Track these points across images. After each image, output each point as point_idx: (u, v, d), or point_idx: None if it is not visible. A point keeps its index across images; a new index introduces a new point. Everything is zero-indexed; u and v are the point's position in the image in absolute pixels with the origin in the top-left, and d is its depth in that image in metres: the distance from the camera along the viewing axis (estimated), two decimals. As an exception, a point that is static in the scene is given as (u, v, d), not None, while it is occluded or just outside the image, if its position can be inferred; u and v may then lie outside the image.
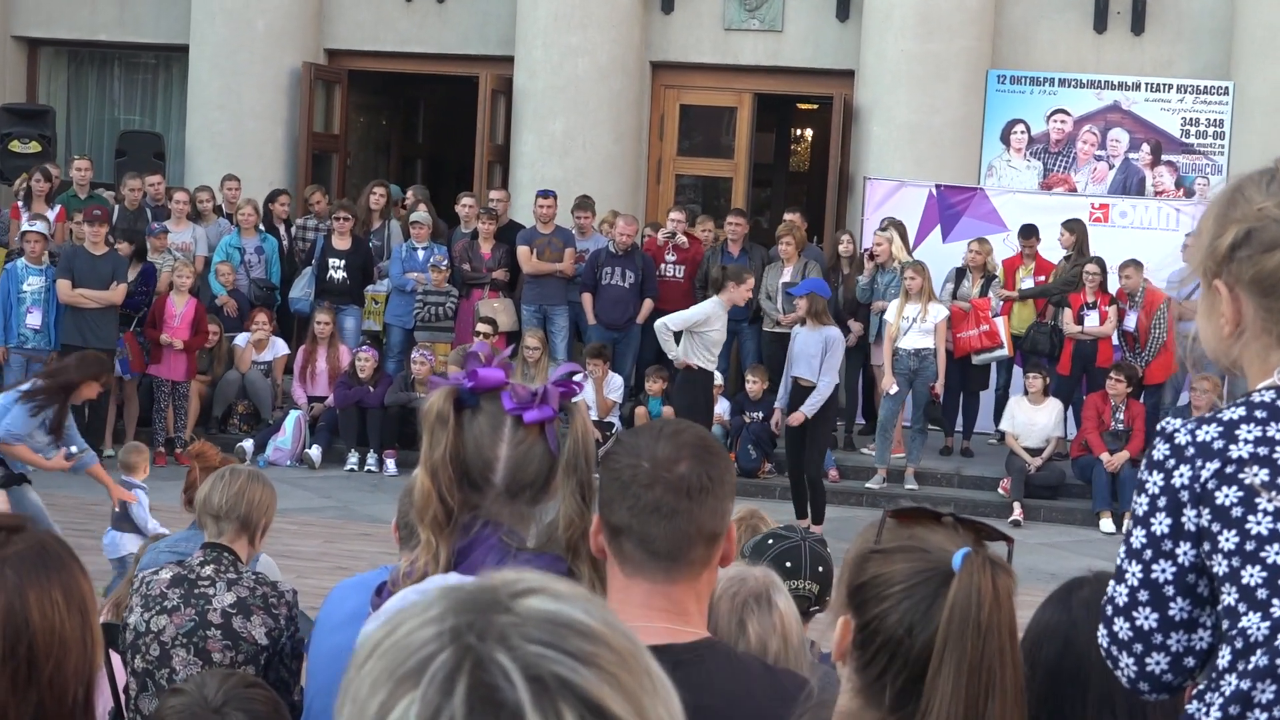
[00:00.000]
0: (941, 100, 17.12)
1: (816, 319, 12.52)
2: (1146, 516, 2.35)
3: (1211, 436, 2.32)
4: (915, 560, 2.17)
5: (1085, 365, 15.03)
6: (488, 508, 2.70)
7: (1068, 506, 14.45)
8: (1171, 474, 2.33)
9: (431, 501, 2.64)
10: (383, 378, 15.23)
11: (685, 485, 2.43)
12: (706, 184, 20.26)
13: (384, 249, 16.64)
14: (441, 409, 2.68)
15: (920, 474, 14.76)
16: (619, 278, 15.54)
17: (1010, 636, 2.11)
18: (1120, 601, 2.37)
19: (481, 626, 1.13)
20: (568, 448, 2.66)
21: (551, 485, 2.69)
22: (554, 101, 17.89)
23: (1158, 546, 2.33)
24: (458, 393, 2.69)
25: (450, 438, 2.66)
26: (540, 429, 2.69)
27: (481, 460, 2.68)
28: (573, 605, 1.16)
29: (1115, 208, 16.45)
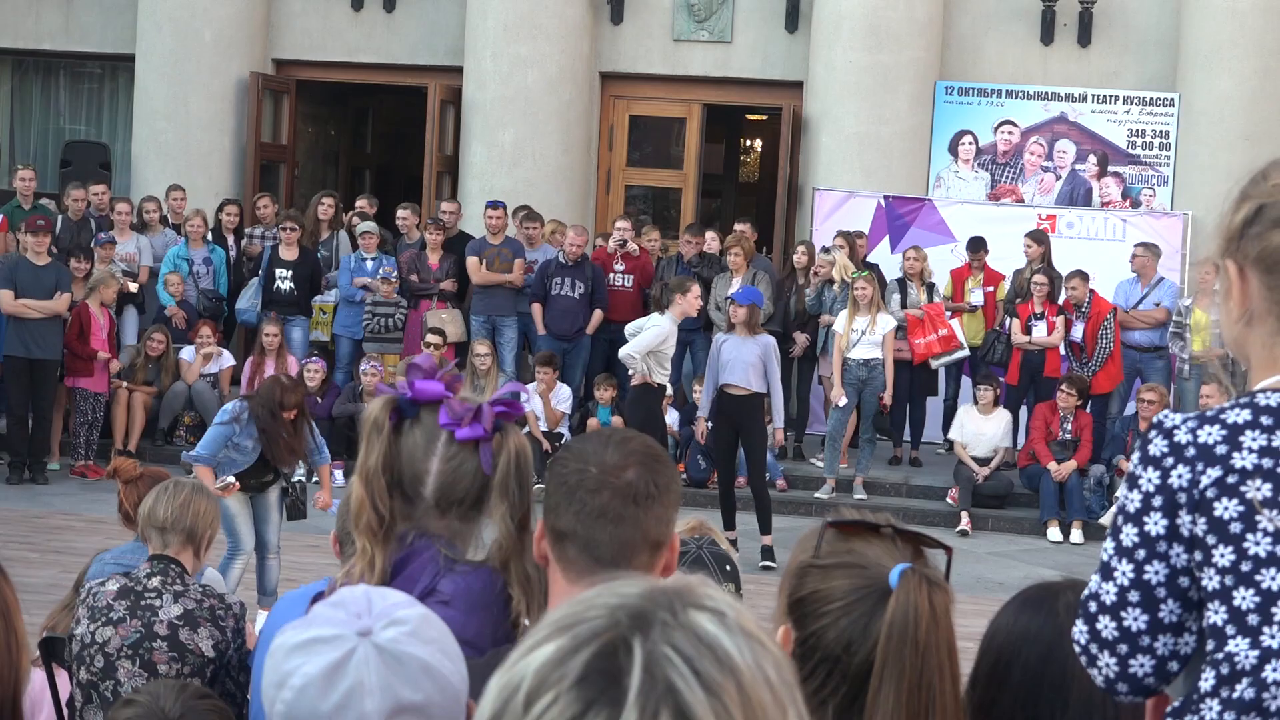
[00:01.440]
0: (890, 111, 17.21)
1: (751, 328, 12.54)
2: (1139, 515, 2.29)
3: (1215, 440, 2.25)
4: (853, 577, 2.18)
5: (1033, 375, 15.13)
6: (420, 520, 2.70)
7: (1015, 516, 14.54)
8: (1169, 473, 2.27)
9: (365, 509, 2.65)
10: (331, 389, 15.18)
11: (632, 491, 2.43)
12: (656, 194, 20.28)
13: (332, 259, 16.60)
14: (378, 417, 2.69)
15: (869, 484, 14.82)
16: (568, 288, 15.55)
17: (949, 653, 2.13)
18: (1107, 600, 2.31)
19: (647, 617, 1.19)
20: (500, 469, 2.66)
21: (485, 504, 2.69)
22: (503, 112, 17.88)
23: (1152, 547, 2.28)
24: (397, 402, 2.70)
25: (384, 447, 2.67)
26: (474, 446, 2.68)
27: (413, 472, 2.69)
28: (730, 635, 1.19)
29: (1062, 218, 16.58)
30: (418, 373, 2.72)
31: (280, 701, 2.02)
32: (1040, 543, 13.98)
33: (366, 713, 2.00)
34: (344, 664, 2.00)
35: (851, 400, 14.37)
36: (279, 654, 2.07)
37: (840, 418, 14.48)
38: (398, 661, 2.01)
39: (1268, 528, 2.19)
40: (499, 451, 2.68)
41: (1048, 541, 13.99)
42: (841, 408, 14.37)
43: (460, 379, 2.77)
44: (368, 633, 2.03)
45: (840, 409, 14.39)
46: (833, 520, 2.27)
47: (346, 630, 2.04)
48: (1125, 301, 15.31)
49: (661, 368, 12.75)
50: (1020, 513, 14.58)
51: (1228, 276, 2.38)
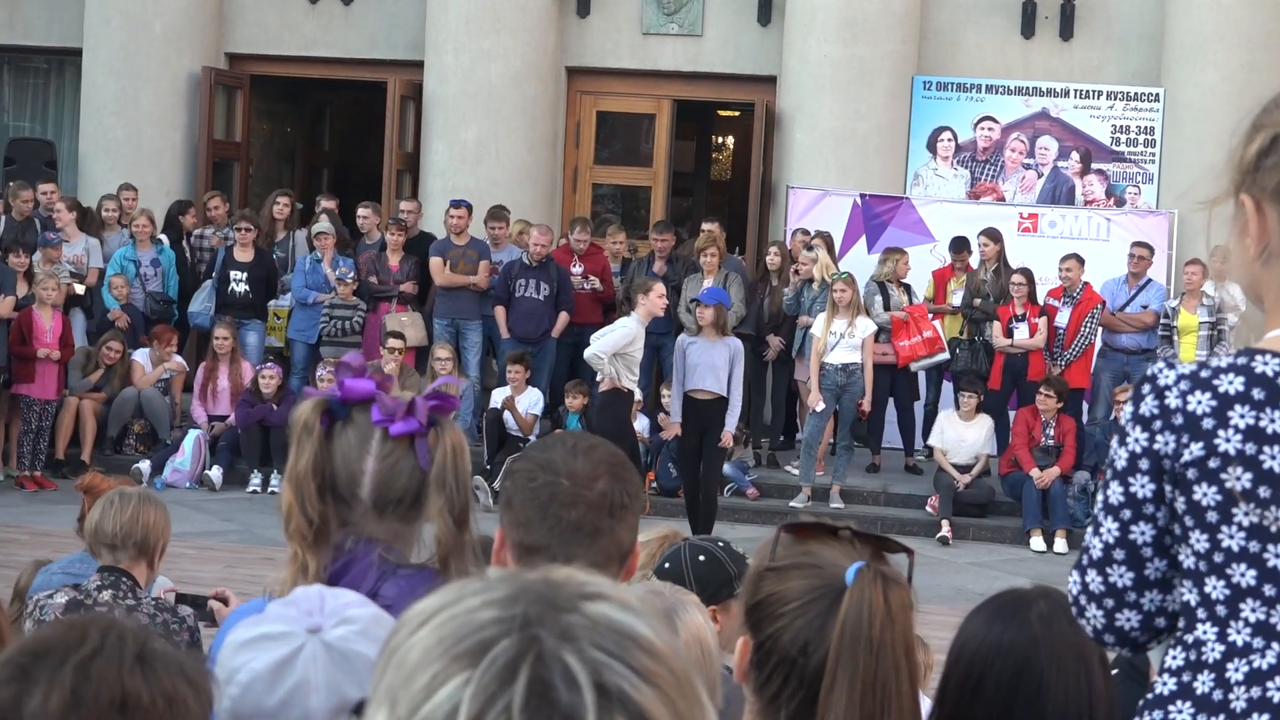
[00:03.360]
0: (866, 106, 17.22)
1: (719, 330, 12.53)
2: (1125, 474, 2.32)
3: (1203, 410, 2.26)
4: (809, 577, 2.18)
5: (1015, 379, 15.15)
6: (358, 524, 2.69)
7: (997, 524, 14.55)
8: (1155, 436, 2.29)
9: (294, 514, 2.65)
10: (287, 395, 15.12)
11: (607, 503, 2.44)
12: (625, 193, 20.27)
13: (289, 261, 16.54)
14: (308, 419, 2.68)
15: (846, 492, 14.82)
16: (533, 290, 15.52)
17: (906, 653, 2.12)
18: (1094, 554, 2.35)
19: (550, 621, 1.14)
20: (436, 463, 2.66)
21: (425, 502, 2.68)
22: (466, 108, 17.84)
23: (1138, 509, 2.31)
24: (327, 404, 2.70)
25: (315, 449, 2.66)
26: (410, 443, 2.68)
27: (348, 473, 2.68)
28: (639, 619, 1.17)
29: (1044, 217, 16.61)
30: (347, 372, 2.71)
31: (227, 697, 2.05)
32: (1023, 552, 14.00)
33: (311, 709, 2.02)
34: (291, 660, 2.03)
35: (829, 406, 14.37)
36: (229, 650, 2.13)
37: (817, 424, 14.47)
38: (345, 660, 2.03)
39: (1243, 521, 2.21)
40: (435, 446, 2.67)
41: (1031, 551, 14.01)
42: (818, 413, 14.36)
43: (390, 378, 2.77)
44: (317, 630, 2.06)
45: (817, 415, 14.38)
46: (788, 524, 2.26)
47: (296, 627, 2.07)
48: (1112, 303, 15.34)
49: (630, 372, 12.73)
50: (1002, 521, 14.59)
51: (1243, 212, 2.30)
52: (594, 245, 16.32)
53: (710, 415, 12.53)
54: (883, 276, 15.55)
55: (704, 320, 12.58)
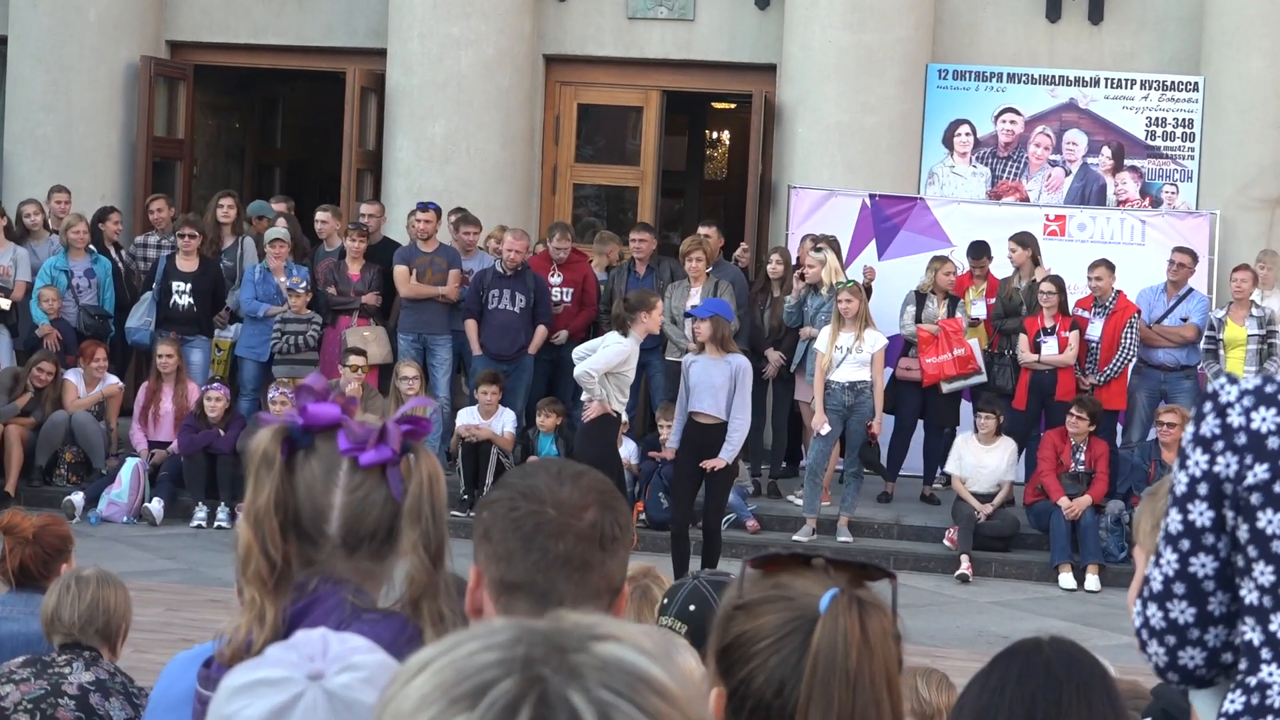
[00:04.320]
0: (875, 98, 17.25)
1: (720, 346, 12.49)
2: (1184, 500, 2.34)
3: (1269, 428, 2.29)
4: (780, 611, 2.18)
5: (1043, 399, 15.15)
6: (325, 563, 2.68)
7: (1022, 559, 14.55)
8: (1216, 458, 2.32)
9: (253, 555, 2.63)
10: (235, 419, 15.10)
11: (597, 534, 2.44)
12: (610, 194, 20.29)
13: (237, 270, 16.52)
14: (267, 449, 2.66)
15: (855, 524, 14.82)
16: (508, 301, 15.52)
17: (887, 685, 2.12)
18: (1155, 588, 2.38)
19: (556, 661, 1.18)
20: (411, 494, 2.65)
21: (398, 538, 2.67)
22: (433, 101, 17.85)
23: (1197, 538, 2.34)
24: (288, 431, 2.68)
25: (277, 482, 2.65)
26: (381, 472, 2.67)
27: (314, 508, 2.67)
28: (651, 660, 1.21)
29: (1073, 219, 16.64)
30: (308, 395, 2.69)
31: None
32: (1051, 590, 14.00)
33: None
34: (290, 708, 2.05)
35: (835, 429, 14.36)
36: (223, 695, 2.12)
37: (822, 449, 14.46)
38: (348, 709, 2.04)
39: None
40: (409, 475, 2.67)
41: (1059, 589, 14.00)
42: (824, 437, 14.36)
43: (355, 400, 2.77)
44: (319, 676, 2.07)
45: (822, 439, 14.38)
46: (755, 557, 2.27)
47: (296, 673, 2.08)
48: (1148, 315, 15.34)
49: (621, 394, 12.74)
50: (1028, 556, 14.59)
51: None
52: (576, 253, 16.32)
53: (711, 441, 12.51)
54: (925, 287, 15.54)
55: (700, 336, 12.54)
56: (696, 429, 12.54)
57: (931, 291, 15.53)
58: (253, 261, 16.39)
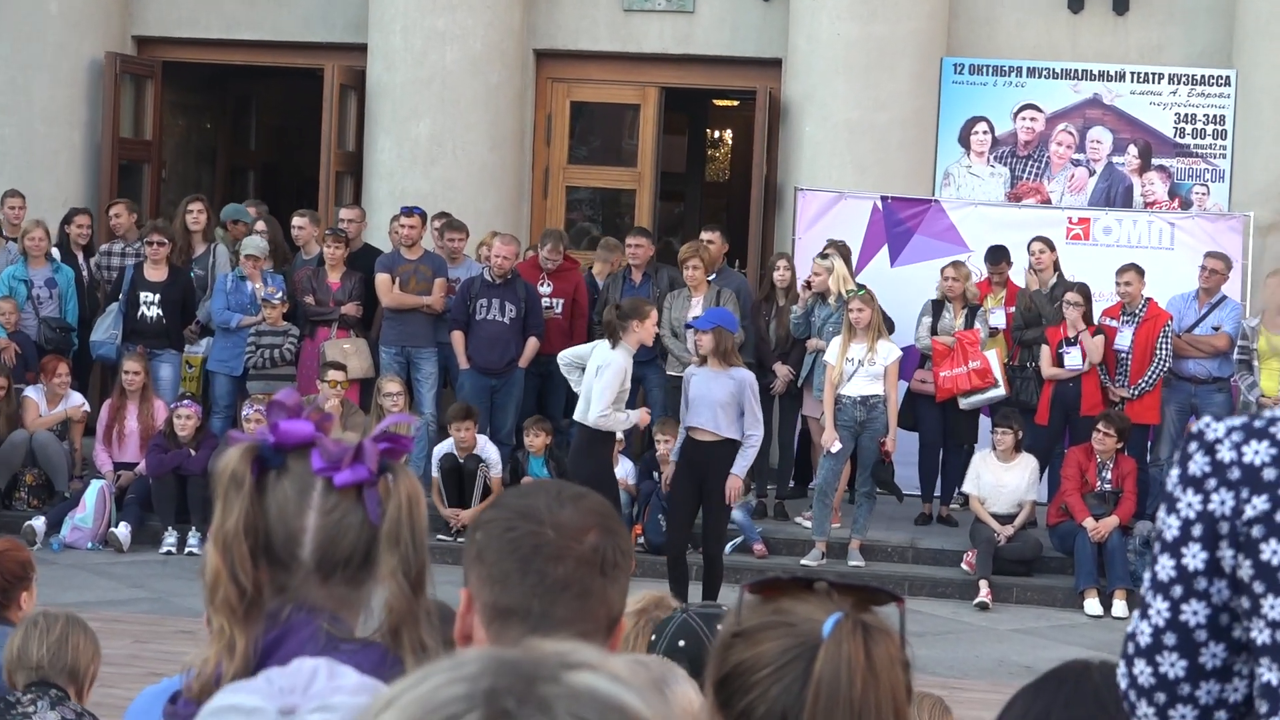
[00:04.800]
0: (887, 94, 17.25)
1: (723, 359, 12.50)
2: (1176, 544, 2.34)
3: (1263, 460, 2.30)
4: (781, 638, 2.19)
5: (1067, 413, 15.14)
6: (297, 590, 2.68)
7: (1045, 585, 14.54)
8: (1210, 497, 2.33)
9: (221, 582, 2.62)
10: (206, 438, 15.08)
11: (599, 559, 2.44)
12: (605, 198, 20.28)
13: (209, 279, 16.51)
14: (236, 469, 2.66)
15: (868, 547, 14.81)
16: (497, 311, 15.50)
17: (894, 714, 2.13)
18: (1143, 642, 2.37)
19: (522, 693, 1.19)
20: (389, 516, 2.64)
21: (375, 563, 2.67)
22: (417, 99, 17.86)
23: (1189, 583, 2.33)
24: (258, 450, 2.68)
25: (246, 504, 2.64)
26: (357, 494, 2.66)
27: (286, 532, 2.67)
28: (628, 689, 1.22)
29: (1098, 222, 16.63)
30: (280, 411, 2.68)
31: None
32: (1076, 617, 13.99)
33: None
34: None
35: (846, 446, 14.35)
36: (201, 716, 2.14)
37: (832, 468, 14.45)
38: None
39: None
40: (387, 497, 2.66)
41: (1085, 615, 13.99)
42: (834, 455, 14.35)
43: (331, 417, 2.76)
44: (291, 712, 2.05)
45: (832, 457, 14.37)
46: (754, 582, 2.28)
47: (269, 704, 2.08)
48: (1178, 324, 15.32)
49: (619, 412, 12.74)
50: (1051, 581, 14.59)
51: None
52: (568, 260, 16.31)
53: (710, 460, 12.49)
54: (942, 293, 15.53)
55: (703, 348, 12.56)
56: (694, 446, 12.54)
57: (948, 300, 15.51)
58: (225, 270, 16.37)
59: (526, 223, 18.49)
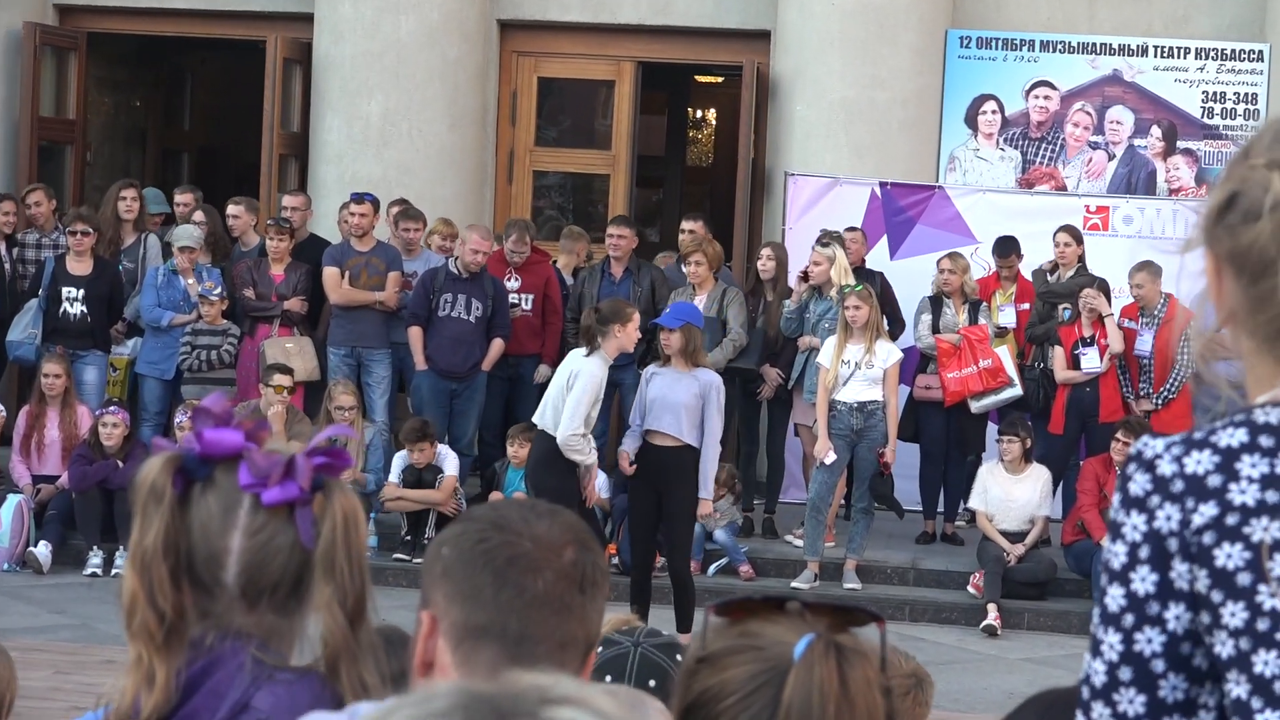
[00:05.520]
0: (887, 70, 17.27)
1: (688, 359, 12.52)
2: (1125, 570, 2.37)
3: (1205, 469, 2.35)
4: (749, 662, 2.21)
5: (1084, 420, 15.17)
6: (221, 616, 2.67)
7: (1059, 609, 14.56)
8: (1155, 514, 2.36)
9: (139, 606, 2.62)
10: (135, 448, 15.05)
11: (579, 575, 2.46)
12: (577, 183, 20.29)
13: (139, 272, 16.47)
14: (156, 481, 2.65)
15: (865, 568, 14.81)
16: (462, 309, 15.46)
17: None
18: (1098, 681, 2.39)
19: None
20: (323, 539, 2.64)
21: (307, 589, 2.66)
22: (368, 74, 17.84)
23: (1141, 610, 2.36)
24: (182, 460, 2.67)
25: (167, 520, 2.63)
26: (288, 513, 2.65)
27: (208, 552, 2.66)
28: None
29: (1117, 211, 16.66)
30: (206, 419, 2.67)
31: None
32: (1093, 644, 13.99)
33: None
34: None
35: (842, 457, 14.34)
36: None
37: (826, 481, 14.45)
38: None
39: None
40: (322, 516, 2.65)
41: (1103, 643, 14.00)
42: (828, 467, 14.35)
43: (265, 425, 2.75)
44: None
45: (826, 469, 14.37)
46: (719, 603, 2.29)
47: None
48: (1205, 322, 15.33)
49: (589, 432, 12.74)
50: (1066, 605, 14.60)
51: (1205, 270, 2.55)
52: (537, 252, 16.28)
53: (670, 468, 12.53)
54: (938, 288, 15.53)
55: (669, 348, 12.59)
56: (653, 453, 12.56)
57: (947, 295, 15.51)
58: (157, 263, 16.34)
59: (489, 211, 18.47)
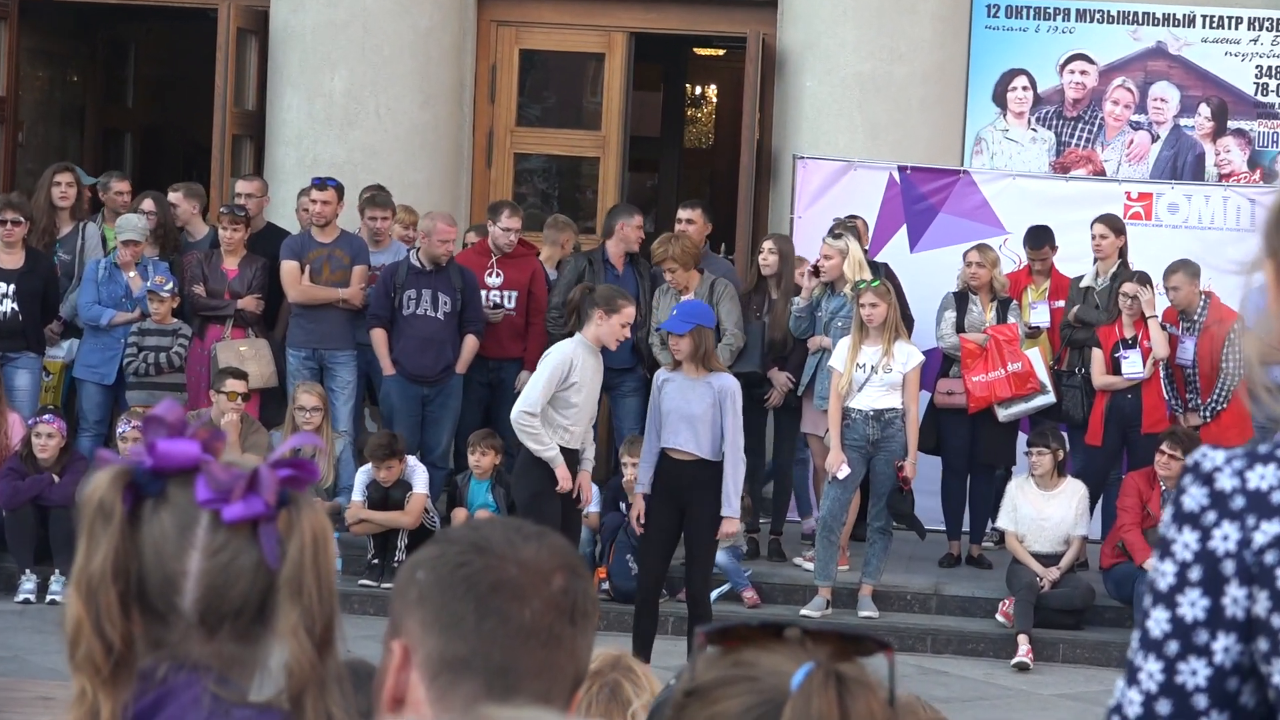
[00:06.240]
0: (906, 42, 17.27)
1: (701, 364, 12.50)
2: (1172, 593, 2.38)
3: (1270, 484, 2.35)
4: (742, 694, 2.20)
5: (1125, 431, 15.16)
6: (176, 646, 2.66)
7: (1098, 639, 14.56)
8: (1210, 532, 2.36)
9: (84, 635, 2.60)
10: (73, 461, 15.04)
11: (570, 604, 2.46)
12: (563, 167, 20.28)
13: (76, 265, 16.44)
14: (104, 498, 2.63)
15: (882, 594, 14.79)
16: (428, 305, 15.46)
17: None
18: (1131, 713, 2.39)
19: None
20: (289, 559, 2.62)
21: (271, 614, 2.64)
22: (331, 46, 17.82)
23: (1187, 638, 2.36)
24: (132, 475, 2.65)
25: (116, 541, 2.62)
26: (251, 531, 2.64)
27: (163, 575, 2.65)
28: None
29: (1162, 198, 16.65)
30: (159, 429, 2.65)
31: None
32: (1136, 679, 13.99)
33: None
34: None
35: (857, 471, 14.33)
36: None
37: (839, 497, 14.42)
38: None
39: None
40: (288, 534, 2.63)
41: (1147, 677, 14.00)
42: (841, 482, 14.33)
43: (223, 436, 2.73)
44: None
45: (839, 484, 14.35)
46: (710, 629, 2.28)
47: None
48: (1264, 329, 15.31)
49: (564, 420, 12.70)
50: (1105, 635, 14.60)
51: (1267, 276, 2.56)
52: (523, 244, 16.25)
53: (690, 484, 12.50)
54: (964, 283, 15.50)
55: (679, 353, 12.55)
56: (673, 467, 12.53)
57: (974, 290, 15.49)
58: (97, 255, 16.31)
59: (466, 197, 18.45)
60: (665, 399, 12.59)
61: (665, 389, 12.63)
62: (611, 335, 12.70)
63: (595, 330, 12.66)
